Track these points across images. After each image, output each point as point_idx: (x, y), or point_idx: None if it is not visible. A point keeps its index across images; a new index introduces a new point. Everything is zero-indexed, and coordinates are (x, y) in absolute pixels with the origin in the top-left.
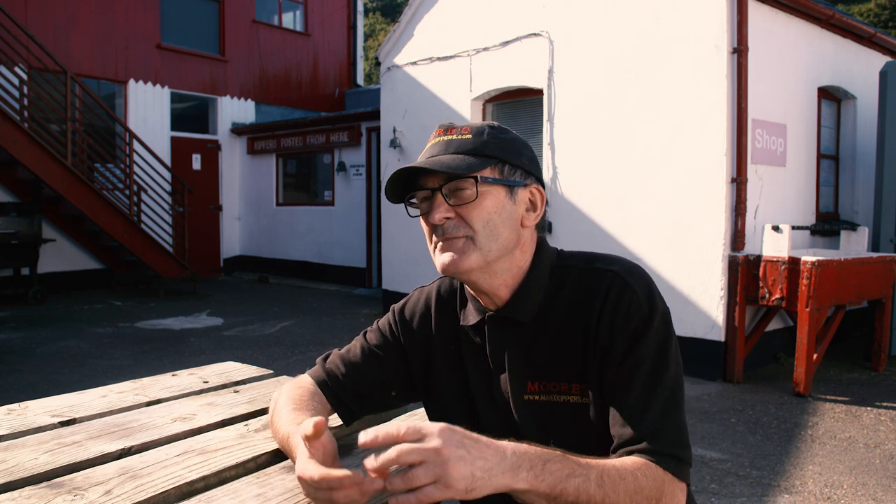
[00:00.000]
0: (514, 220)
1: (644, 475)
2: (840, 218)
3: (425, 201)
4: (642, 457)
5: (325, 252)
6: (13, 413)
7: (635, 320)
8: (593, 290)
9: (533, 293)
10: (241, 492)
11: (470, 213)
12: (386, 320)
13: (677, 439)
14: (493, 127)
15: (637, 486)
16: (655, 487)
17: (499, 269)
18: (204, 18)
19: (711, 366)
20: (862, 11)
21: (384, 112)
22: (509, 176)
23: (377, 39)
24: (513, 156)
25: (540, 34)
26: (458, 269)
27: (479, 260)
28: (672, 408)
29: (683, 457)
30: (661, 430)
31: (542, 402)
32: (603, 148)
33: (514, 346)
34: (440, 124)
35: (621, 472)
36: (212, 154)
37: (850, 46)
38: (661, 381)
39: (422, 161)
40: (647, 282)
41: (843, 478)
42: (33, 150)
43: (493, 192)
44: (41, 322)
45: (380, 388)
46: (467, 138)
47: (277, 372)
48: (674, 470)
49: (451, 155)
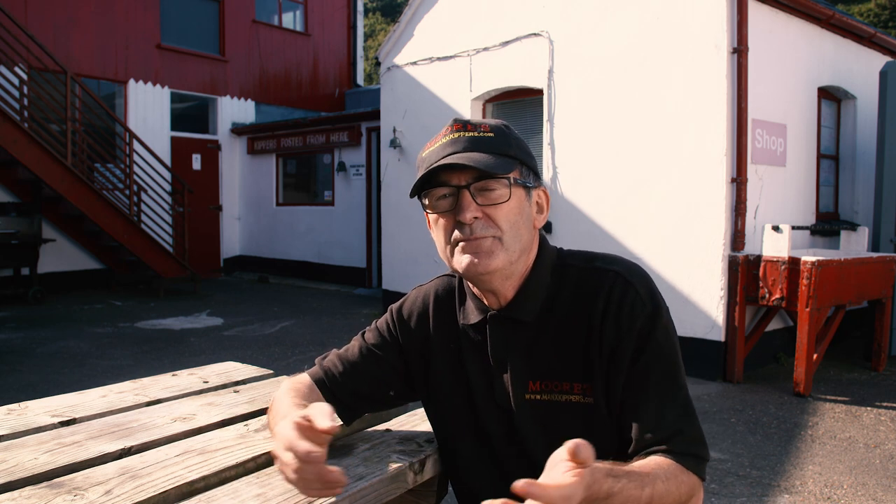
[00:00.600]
0: (531, 222)
1: (681, 482)
2: (840, 218)
3: (444, 199)
4: (667, 458)
5: (325, 252)
6: (13, 413)
7: (640, 319)
8: (595, 289)
9: (535, 292)
10: (241, 492)
11: (498, 214)
12: (384, 320)
13: (699, 437)
14: (509, 127)
15: (678, 494)
16: (687, 492)
17: (515, 270)
18: (204, 18)
19: (711, 366)
20: (862, 11)
21: (384, 112)
22: (526, 178)
23: (377, 39)
24: (529, 158)
25: (540, 34)
26: (486, 269)
27: (504, 260)
28: (688, 406)
29: (704, 455)
30: (682, 431)
31: (544, 401)
32: (603, 148)
33: (515, 346)
34: (455, 119)
35: (667, 485)
36: (212, 154)
37: (850, 46)
38: (676, 380)
39: (458, 157)
40: (647, 280)
41: (843, 478)
42: (33, 150)
43: (517, 194)
44: (41, 322)
45: (377, 386)
46: (491, 136)
47: (277, 372)
48: (695, 469)
49: (480, 154)
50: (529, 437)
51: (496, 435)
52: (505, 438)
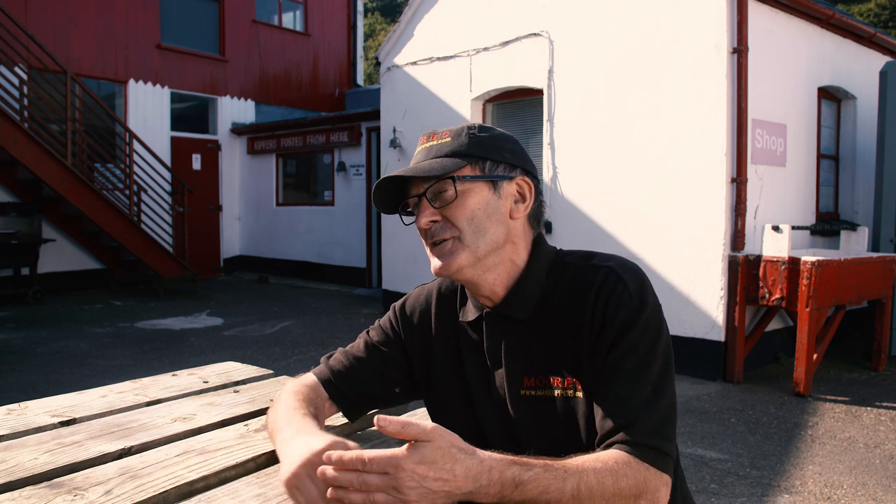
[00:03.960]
0: (500, 214)
1: (624, 475)
2: (840, 218)
3: (416, 208)
4: (621, 448)
5: (325, 252)
6: (13, 413)
7: (623, 312)
8: (588, 284)
9: (530, 291)
10: (241, 492)
11: (454, 213)
12: (387, 317)
13: (657, 430)
14: (472, 126)
15: (616, 489)
16: (636, 486)
17: (490, 263)
18: (204, 18)
19: (711, 366)
20: (862, 11)
21: (384, 112)
22: (490, 171)
23: (377, 39)
24: (492, 151)
25: (540, 34)
26: (449, 270)
27: (468, 258)
28: (655, 400)
29: (663, 448)
30: (639, 421)
31: (538, 396)
32: (603, 148)
33: (510, 343)
34: (425, 132)
35: (601, 477)
36: (212, 154)
37: (850, 46)
38: (646, 374)
39: (400, 170)
40: (639, 277)
41: (843, 478)
42: (33, 150)
43: (475, 190)
44: (41, 322)
45: (383, 383)
46: (446, 142)
47: (277, 372)
48: (653, 461)
49: (430, 160)
50: (525, 432)
51: (493, 431)
52: (502, 435)
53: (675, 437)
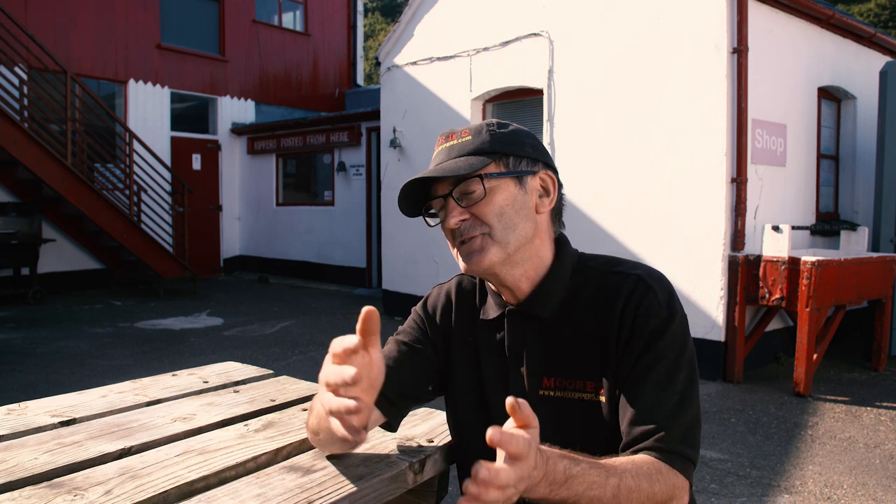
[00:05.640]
0: (528, 209)
1: (657, 479)
2: (840, 218)
3: (442, 210)
4: (651, 454)
5: (324, 252)
6: (13, 413)
7: (654, 321)
8: (616, 291)
9: (554, 291)
10: (241, 492)
11: (483, 211)
12: (411, 320)
13: (685, 437)
14: (492, 123)
15: (651, 492)
16: (666, 491)
17: (520, 258)
18: (204, 18)
19: (711, 366)
20: (862, 11)
21: (384, 112)
22: (515, 167)
23: (377, 39)
24: (515, 147)
25: (540, 34)
26: (481, 266)
27: (499, 253)
28: (682, 408)
29: (690, 456)
30: (670, 428)
31: (557, 398)
32: (603, 148)
33: (532, 342)
34: (442, 132)
35: (638, 479)
36: (212, 154)
37: (850, 46)
38: (674, 382)
39: (426, 171)
40: (667, 286)
41: (843, 478)
42: (33, 150)
43: (502, 186)
44: (41, 322)
45: (420, 381)
46: (467, 140)
47: (277, 372)
48: (680, 468)
49: (453, 160)
50: (541, 433)
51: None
52: None
53: (699, 444)
